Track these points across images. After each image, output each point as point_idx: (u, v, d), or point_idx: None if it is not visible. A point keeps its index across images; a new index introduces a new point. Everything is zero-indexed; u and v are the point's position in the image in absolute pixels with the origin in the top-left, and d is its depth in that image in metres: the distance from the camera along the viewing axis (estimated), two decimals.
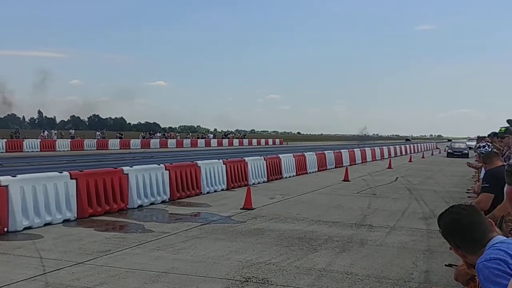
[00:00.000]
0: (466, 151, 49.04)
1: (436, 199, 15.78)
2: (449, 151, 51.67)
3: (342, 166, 28.69)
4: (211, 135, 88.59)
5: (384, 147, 45.95)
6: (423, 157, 47.23)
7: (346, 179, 21.63)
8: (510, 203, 1.37)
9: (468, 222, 2.36)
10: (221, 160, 17.90)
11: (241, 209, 12.95)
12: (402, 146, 56.43)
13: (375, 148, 42.95)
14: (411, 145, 63.04)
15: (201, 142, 67.91)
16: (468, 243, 2.33)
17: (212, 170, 16.77)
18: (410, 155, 45.20)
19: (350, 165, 30.65)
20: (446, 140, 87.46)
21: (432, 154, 54.79)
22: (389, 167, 30.42)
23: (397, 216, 12.38)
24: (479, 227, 2.33)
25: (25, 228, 9.92)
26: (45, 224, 10.38)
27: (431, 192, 17.81)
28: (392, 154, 46.16)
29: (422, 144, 72.40)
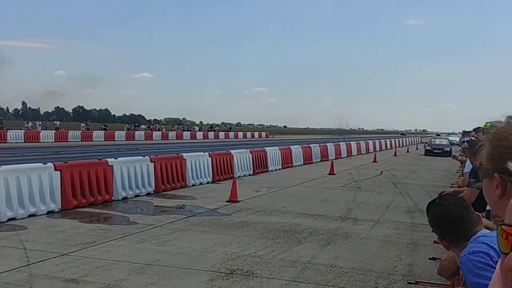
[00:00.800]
0: (448, 149, 40.67)
1: (420, 193, 15.91)
2: (427, 148, 42.91)
3: (327, 160, 28.80)
4: (197, 128, 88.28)
5: (369, 141, 46.19)
6: (408, 151, 47.57)
7: (331, 173, 21.71)
8: (487, 198, 1.39)
9: (457, 216, 2.38)
10: (206, 153, 17.87)
11: (226, 201, 12.95)
12: (388, 140, 56.73)
13: (361, 142, 43.16)
14: (396, 140, 63.35)
15: (186, 134, 67.65)
16: (454, 235, 2.36)
17: (198, 163, 16.73)
18: (395, 149, 45.48)
19: (336, 158, 30.77)
20: (436, 135, 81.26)
21: (417, 149, 55.08)
22: (374, 161, 30.60)
23: (382, 210, 12.47)
24: (467, 221, 2.36)
25: (9, 219, 9.83)
26: (29, 216, 10.29)
27: (416, 186, 17.96)
28: (378, 148, 46.43)
29: (407, 139, 72.92)
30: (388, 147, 53.45)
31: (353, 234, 9.51)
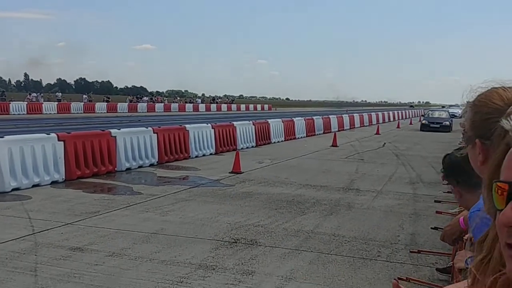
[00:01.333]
0: (448, 123, 35.52)
1: (423, 165, 15.93)
2: (423, 122, 37.00)
3: (330, 132, 28.78)
4: (199, 100, 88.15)
5: (372, 113, 46.10)
6: (411, 123, 47.48)
7: (334, 145, 21.72)
8: (473, 164, 1.43)
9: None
10: (209, 124, 17.86)
11: (229, 173, 12.99)
12: (391, 113, 56.60)
13: (364, 114, 43.07)
14: (399, 112, 63.17)
15: (189, 107, 67.50)
16: (468, 179, 2.34)
17: (201, 134, 16.74)
18: (398, 122, 45.41)
19: (339, 130, 30.73)
20: (441, 107, 76.00)
21: (420, 121, 54.94)
22: (377, 133, 30.58)
23: (384, 181, 12.51)
24: None
25: (13, 189, 9.89)
26: (33, 186, 10.35)
27: (419, 158, 17.97)
28: (381, 120, 46.36)
29: (410, 111, 72.72)
30: (391, 119, 53.36)
31: (356, 205, 9.55)
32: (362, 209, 9.24)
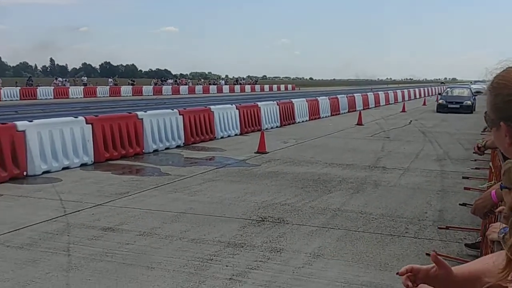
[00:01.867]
0: (469, 102, 29.82)
1: (450, 141, 15.76)
2: (440, 101, 30.96)
3: (355, 111, 28.56)
4: (223, 81, 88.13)
5: (398, 91, 45.56)
6: (437, 100, 46.79)
7: (359, 123, 21.59)
8: (499, 146, 1.41)
9: None
10: (234, 105, 17.91)
11: (255, 153, 13.05)
12: (416, 90, 55.82)
13: (389, 91, 42.59)
14: (425, 89, 62.23)
15: (213, 88, 67.61)
16: None
17: (226, 115, 16.80)
18: (424, 99, 44.81)
19: (364, 109, 30.48)
20: (470, 83, 71.04)
21: (436, 100, 53.93)
22: (403, 110, 30.25)
23: (411, 158, 12.42)
24: None
25: (44, 172, 10.10)
26: (63, 168, 10.55)
27: (446, 135, 17.76)
28: (406, 97, 45.80)
29: (436, 87, 71.63)
30: (418, 96, 52.65)
31: (382, 182, 9.53)
32: (389, 186, 9.21)
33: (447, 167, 11.24)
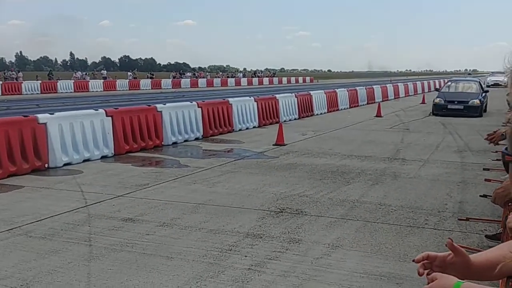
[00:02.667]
0: (477, 101, 21.73)
1: (471, 133, 15.59)
2: (436, 101, 22.50)
3: (374, 102, 28.39)
4: (241, 74, 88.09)
5: (417, 82, 45.11)
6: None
7: (378, 115, 21.45)
8: None
9: None
10: (252, 98, 17.92)
11: (273, 145, 13.06)
12: (436, 81, 55.19)
13: (408, 83, 42.20)
14: (445, 80, 61.36)
15: (231, 81, 67.66)
16: None
17: (244, 108, 16.83)
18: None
19: (383, 101, 30.26)
20: (490, 74, 66.47)
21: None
22: (423, 102, 29.95)
23: (431, 150, 12.32)
24: None
25: (65, 164, 10.24)
26: (84, 160, 10.68)
27: (466, 126, 17.57)
28: (426, 89, 45.33)
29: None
30: (438, 87, 52.03)
31: (402, 174, 9.47)
32: (409, 178, 9.16)
33: (468, 158, 11.14)
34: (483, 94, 22.66)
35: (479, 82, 24.48)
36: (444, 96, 22.39)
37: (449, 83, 25.00)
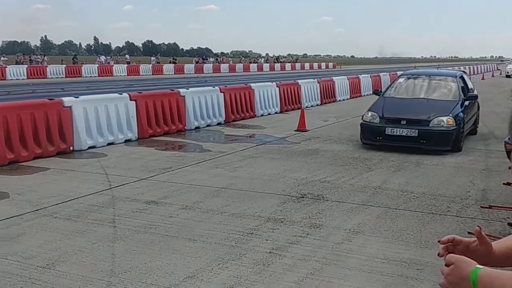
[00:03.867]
0: (446, 120, 10.24)
1: (496, 121, 15.37)
2: (368, 116, 10.93)
3: None
4: (263, 60, 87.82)
5: (441, 69, 44.44)
6: (483, 78, 45.53)
7: None
8: None
9: None
10: (274, 83, 17.89)
11: (295, 131, 13.06)
12: (461, 68, 54.32)
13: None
14: (470, 67, 60.48)
15: (253, 66, 67.47)
16: None
17: (266, 93, 16.82)
18: (469, 77, 43.58)
19: None
20: (510, 61, 63.74)
21: (492, 76, 52.45)
22: None
23: None
24: None
25: (89, 147, 10.39)
26: (108, 144, 10.82)
27: (492, 114, 17.30)
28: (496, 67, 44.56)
29: (481, 66, 69.57)
30: (471, 73, 51.27)
31: (425, 161, 9.41)
32: (431, 165, 9.10)
33: (492, 146, 11.01)
34: (465, 104, 11.41)
35: (462, 78, 12.80)
36: (383, 108, 11.15)
37: (401, 80, 12.95)
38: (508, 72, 45.81)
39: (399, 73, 31.48)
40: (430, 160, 9.51)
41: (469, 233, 6.10)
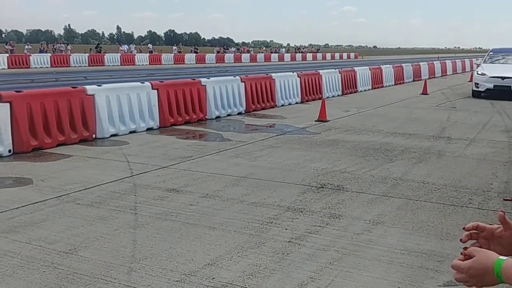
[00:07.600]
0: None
1: None
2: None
3: (420, 80, 27.80)
4: (284, 50, 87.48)
5: (466, 60, 43.87)
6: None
7: (424, 93, 21.05)
8: None
9: None
10: (295, 73, 17.83)
11: (315, 121, 13.02)
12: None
13: (456, 60, 41.10)
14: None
15: (274, 56, 67.35)
16: None
17: (287, 83, 16.78)
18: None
19: (429, 78, 29.60)
20: None
21: (470, 79, 51.20)
22: (471, 80, 29.10)
23: (478, 129, 12.05)
24: None
25: (111, 135, 10.50)
26: (130, 132, 10.93)
27: None
28: (474, 67, 44.03)
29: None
30: None
31: (447, 153, 9.32)
32: (453, 157, 9.01)
33: None
34: None
35: None
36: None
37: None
38: None
39: (421, 63, 31.16)
40: (452, 151, 9.42)
41: (504, 199, 6.01)
